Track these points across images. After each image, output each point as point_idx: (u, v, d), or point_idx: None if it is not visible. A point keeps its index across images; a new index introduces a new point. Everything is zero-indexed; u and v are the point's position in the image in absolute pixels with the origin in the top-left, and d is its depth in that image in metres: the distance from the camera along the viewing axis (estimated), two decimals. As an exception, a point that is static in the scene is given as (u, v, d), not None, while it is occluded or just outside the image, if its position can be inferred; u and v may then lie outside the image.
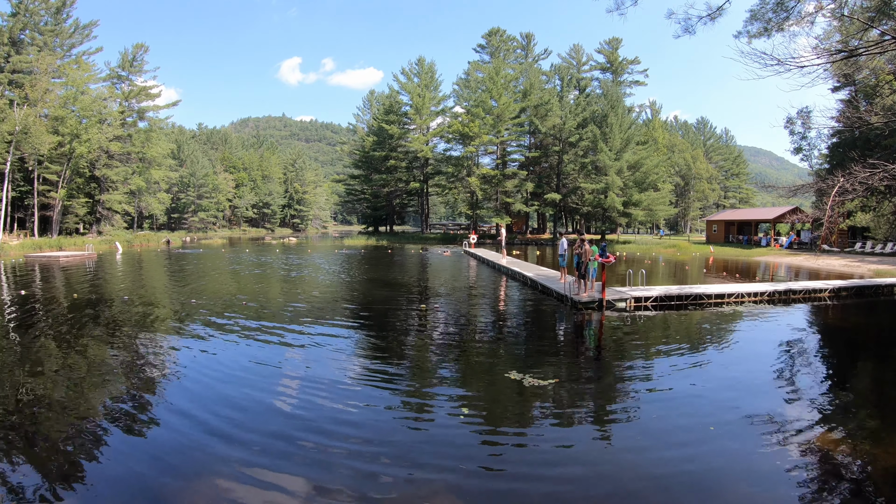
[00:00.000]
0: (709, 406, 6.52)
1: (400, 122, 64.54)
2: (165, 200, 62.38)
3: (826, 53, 10.77)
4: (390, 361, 8.61)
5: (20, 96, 41.68)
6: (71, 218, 47.76)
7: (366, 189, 72.02)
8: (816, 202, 34.62)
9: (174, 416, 6.11)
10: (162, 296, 16.05)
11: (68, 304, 13.81)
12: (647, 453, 5.22)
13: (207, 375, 7.69)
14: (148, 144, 53.59)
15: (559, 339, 10.85)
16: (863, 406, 6.84)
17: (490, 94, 54.69)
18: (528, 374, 7.57)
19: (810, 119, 32.19)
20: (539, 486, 4.56)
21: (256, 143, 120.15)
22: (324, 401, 6.60)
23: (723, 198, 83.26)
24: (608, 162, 49.62)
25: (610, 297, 13.57)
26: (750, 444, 5.40)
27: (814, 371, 8.50)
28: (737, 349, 9.75)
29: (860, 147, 30.30)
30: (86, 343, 9.70)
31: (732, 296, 14.89)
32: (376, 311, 13.67)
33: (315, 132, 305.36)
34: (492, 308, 14.70)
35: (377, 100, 75.34)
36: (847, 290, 16.41)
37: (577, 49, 72.23)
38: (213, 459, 5.01)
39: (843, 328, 12.62)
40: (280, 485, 4.56)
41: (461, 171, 57.09)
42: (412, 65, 63.81)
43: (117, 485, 4.56)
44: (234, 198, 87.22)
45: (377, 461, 5.00)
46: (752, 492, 4.49)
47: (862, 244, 35.35)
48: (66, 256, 29.49)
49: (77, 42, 49.70)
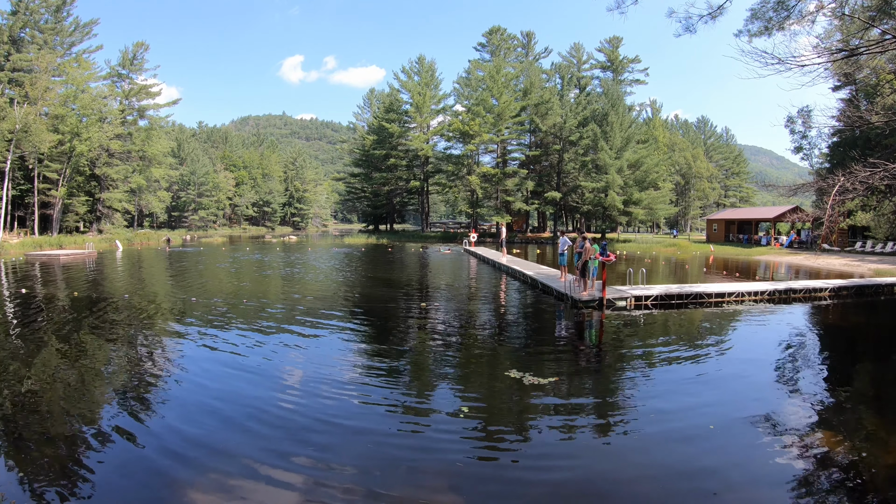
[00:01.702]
0: (709, 405, 6.52)
1: (400, 121, 64.49)
2: (166, 199, 62.46)
3: (827, 52, 10.78)
4: (390, 359, 8.62)
5: (20, 95, 41.64)
6: (71, 216, 47.77)
7: (366, 187, 72.05)
8: (817, 201, 34.65)
9: (174, 415, 6.12)
10: (162, 294, 16.06)
11: (68, 303, 13.82)
12: (646, 452, 5.23)
13: (208, 374, 7.70)
14: (148, 143, 53.59)
15: (559, 338, 10.85)
16: (863, 406, 6.85)
17: (490, 92, 54.64)
18: (527, 373, 7.58)
19: (811, 118, 32.16)
20: (539, 485, 4.57)
21: (257, 142, 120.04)
22: (323, 399, 6.61)
23: (723, 197, 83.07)
24: (608, 161, 49.59)
25: (610, 295, 13.57)
26: (750, 444, 5.40)
27: (814, 370, 8.50)
28: (737, 348, 9.76)
29: (861, 146, 30.30)
30: (86, 342, 9.71)
31: (733, 295, 14.90)
32: (376, 310, 13.68)
33: (315, 130, 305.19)
34: (492, 307, 14.71)
35: (377, 98, 75.32)
36: (847, 290, 16.42)
37: (578, 48, 72.10)
38: (213, 459, 5.02)
39: (843, 327, 12.62)
40: (280, 484, 4.57)
41: (461, 169, 57.07)
42: (412, 63, 63.75)
43: (117, 484, 4.57)
44: (235, 196, 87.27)
45: (377, 460, 5.00)
46: (752, 491, 4.49)
47: (862, 243, 35.33)
48: (67, 255, 29.50)
49: (77, 40, 49.71)
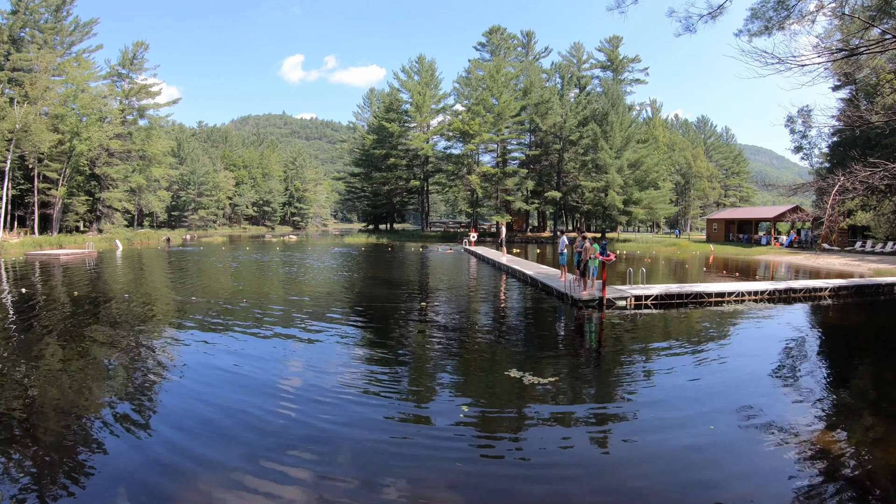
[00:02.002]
0: (709, 405, 6.53)
1: (400, 120, 64.47)
2: (166, 198, 62.45)
3: (827, 52, 10.77)
4: (390, 359, 8.63)
5: (20, 94, 41.64)
6: (71, 216, 47.76)
7: (366, 187, 72.04)
8: (817, 201, 34.61)
9: (174, 415, 6.12)
10: (162, 294, 16.06)
11: (69, 302, 13.82)
12: (646, 451, 5.23)
13: (207, 374, 7.71)
14: (148, 142, 53.56)
15: (559, 338, 10.86)
16: (863, 405, 6.86)
17: (491, 92, 54.62)
18: (527, 372, 7.58)
19: (811, 118, 32.13)
20: (539, 484, 4.57)
21: (257, 141, 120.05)
22: (323, 398, 6.61)
23: (723, 196, 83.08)
24: (608, 160, 49.59)
25: (610, 295, 13.58)
26: (750, 443, 5.41)
27: (814, 370, 8.51)
28: (737, 348, 9.76)
29: (861, 146, 30.29)
30: (86, 341, 9.71)
31: (733, 294, 14.90)
32: (376, 309, 13.68)
33: (315, 130, 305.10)
34: (492, 306, 14.71)
35: (377, 98, 75.31)
36: (847, 289, 16.42)
37: (578, 47, 72.07)
38: (214, 459, 5.02)
39: (843, 327, 12.62)
40: (279, 483, 4.57)
41: (461, 169, 57.05)
42: (412, 63, 63.71)
43: (116, 484, 4.57)
44: (235, 196, 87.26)
45: (376, 459, 5.01)
46: (752, 491, 4.50)
47: (862, 243, 35.33)
48: (67, 254, 29.49)
49: (77, 40, 49.68)
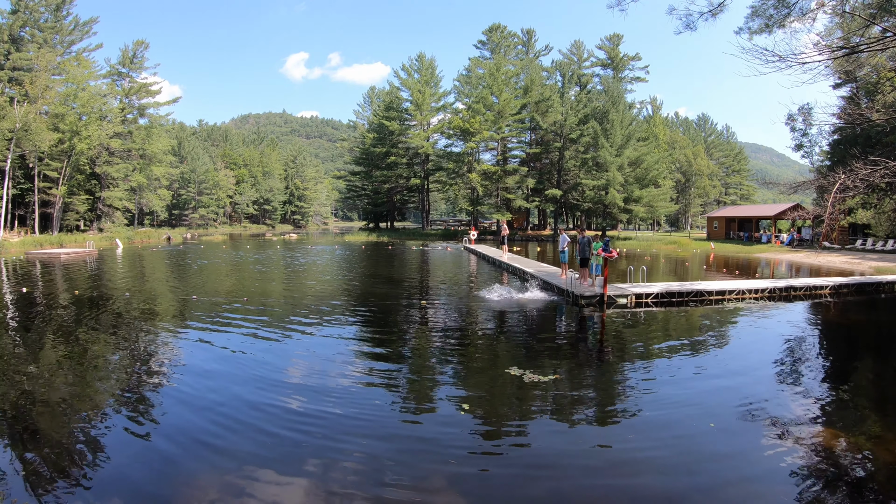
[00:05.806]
0: (709, 403, 6.54)
1: (400, 119, 64.36)
2: (166, 197, 62.41)
3: (827, 50, 10.75)
4: (390, 357, 8.64)
5: (20, 93, 41.65)
6: (71, 215, 47.78)
7: (366, 185, 71.95)
8: (817, 199, 34.64)
9: (174, 414, 6.14)
10: (163, 293, 16.08)
11: (69, 301, 13.84)
12: (646, 450, 5.24)
13: (208, 373, 7.72)
14: (148, 141, 53.59)
15: (560, 336, 10.86)
16: (863, 404, 6.86)
17: (491, 90, 54.51)
18: (528, 370, 7.59)
19: (811, 116, 32.17)
20: (539, 483, 4.59)
21: (257, 140, 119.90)
22: (323, 397, 6.62)
23: (723, 194, 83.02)
24: (609, 158, 49.54)
25: (611, 293, 13.58)
26: (750, 442, 5.42)
27: (814, 368, 8.52)
28: (737, 346, 9.77)
29: (861, 144, 30.25)
30: (87, 341, 9.73)
31: (733, 292, 14.90)
32: (376, 307, 13.69)
33: (316, 128, 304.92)
34: (492, 304, 14.71)
35: (377, 96, 75.13)
36: (848, 287, 16.41)
37: (578, 45, 71.93)
38: (214, 459, 5.03)
39: (843, 325, 12.62)
40: (280, 483, 4.58)
41: (462, 167, 56.98)
42: (412, 61, 63.55)
43: (116, 484, 4.59)
44: (235, 194, 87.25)
45: (376, 458, 5.02)
46: (752, 490, 4.51)
47: (863, 241, 35.28)
48: (67, 253, 29.53)
49: (77, 39, 49.68)
